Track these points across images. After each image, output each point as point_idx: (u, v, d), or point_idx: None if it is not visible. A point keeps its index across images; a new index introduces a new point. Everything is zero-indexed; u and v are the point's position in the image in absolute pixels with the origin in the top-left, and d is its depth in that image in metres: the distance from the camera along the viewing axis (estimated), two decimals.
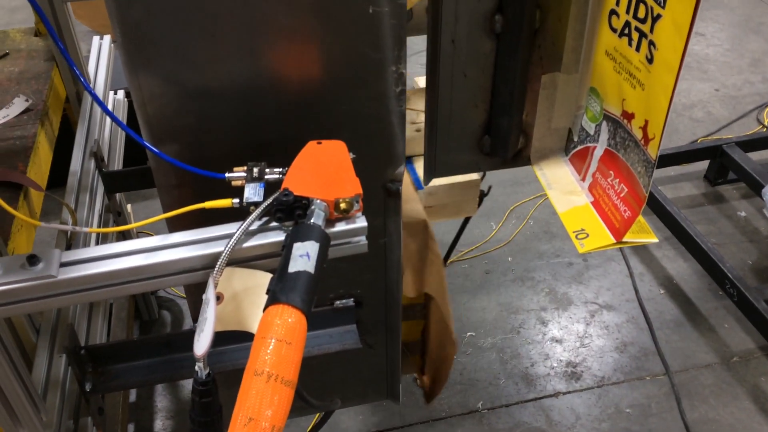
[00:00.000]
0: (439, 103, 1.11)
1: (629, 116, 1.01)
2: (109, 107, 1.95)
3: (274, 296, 0.77)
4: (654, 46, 0.92)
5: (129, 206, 2.23)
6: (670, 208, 2.56)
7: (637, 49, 0.96)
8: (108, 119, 1.88)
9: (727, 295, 2.30)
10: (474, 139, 1.17)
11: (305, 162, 0.96)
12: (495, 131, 1.16)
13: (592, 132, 1.13)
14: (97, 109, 1.81)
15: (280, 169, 0.96)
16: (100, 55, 2.02)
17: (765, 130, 3.19)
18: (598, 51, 1.06)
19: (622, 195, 1.05)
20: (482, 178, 1.57)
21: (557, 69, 1.12)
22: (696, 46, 3.87)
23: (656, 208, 2.64)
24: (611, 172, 1.08)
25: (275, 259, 0.90)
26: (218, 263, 0.86)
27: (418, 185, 1.49)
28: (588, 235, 1.08)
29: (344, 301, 1.32)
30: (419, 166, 1.54)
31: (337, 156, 0.98)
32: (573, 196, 1.15)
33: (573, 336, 2.40)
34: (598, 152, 1.12)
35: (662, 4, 0.89)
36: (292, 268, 0.79)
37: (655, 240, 1.06)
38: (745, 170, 2.70)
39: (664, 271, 2.62)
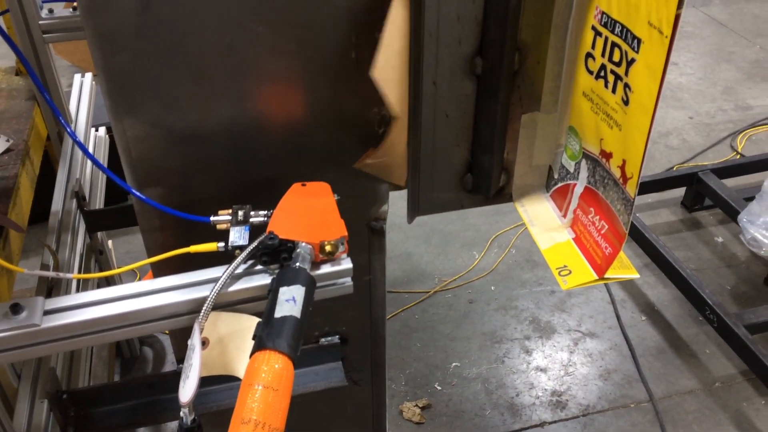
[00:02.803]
0: (422, 143, 1.13)
1: (607, 155, 1.04)
2: (91, 145, 1.94)
3: (260, 342, 0.77)
4: (629, 89, 0.95)
5: (110, 242, 2.22)
6: (648, 236, 2.60)
7: (613, 91, 0.99)
8: None
9: (707, 321, 2.32)
10: (456, 177, 1.19)
11: (290, 204, 0.97)
12: (477, 169, 1.18)
13: (572, 170, 1.15)
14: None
15: (266, 212, 0.97)
16: (81, 92, 2.02)
17: (738, 156, 3.26)
18: (576, 92, 1.09)
19: (602, 232, 1.07)
20: None
21: (537, 109, 1.15)
22: (670, 75, 3.96)
23: (636, 235, 2.68)
24: (591, 209, 1.10)
25: (261, 303, 0.90)
26: (204, 308, 0.86)
27: None
28: (570, 272, 1.09)
29: (329, 338, 1.32)
30: None
31: (322, 198, 0.99)
32: (554, 232, 1.17)
33: (557, 364, 2.41)
34: (578, 189, 1.14)
35: (636, 49, 0.92)
36: (278, 312, 0.80)
37: (637, 276, 1.08)
38: (720, 197, 2.75)
39: (645, 297, 2.64)
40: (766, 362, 2.08)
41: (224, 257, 0.93)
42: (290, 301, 0.81)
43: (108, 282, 1.86)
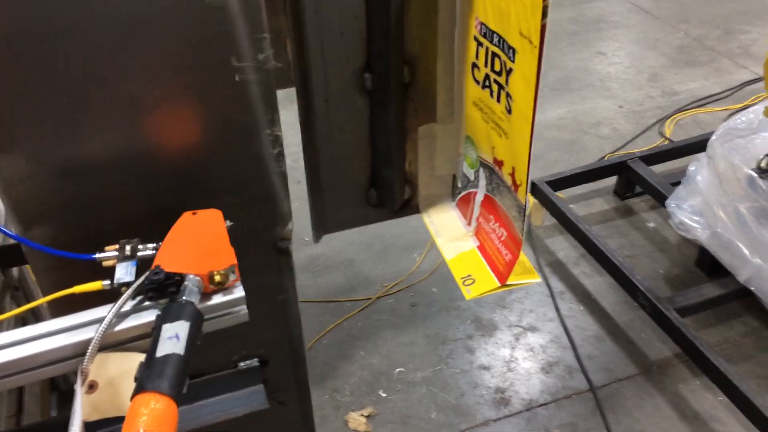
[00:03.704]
0: (319, 160, 1.12)
1: (500, 163, 1.04)
2: None
3: (140, 384, 0.75)
4: (511, 98, 0.95)
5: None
6: (581, 226, 2.64)
7: (498, 100, 0.99)
8: None
9: (641, 307, 2.37)
10: (360, 192, 1.19)
11: (179, 235, 0.95)
12: (380, 183, 1.17)
13: (472, 178, 1.16)
14: None
15: (154, 245, 0.94)
16: None
17: (666, 142, 3.35)
18: (468, 102, 1.10)
19: (502, 239, 1.08)
20: None
21: (433, 119, 1.15)
22: (598, 66, 4.04)
23: (569, 226, 2.72)
24: (491, 216, 1.11)
25: None
26: (89, 351, 0.83)
27: None
28: (474, 281, 1.10)
29: (248, 362, 1.30)
30: None
31: (212, 226, 0.97)
32: (460, 241, 1.17)
33: (500, 361, 2.43)
34: (479, 197, 1.15)
35: (512, 59, 0.92)
36: (160, 351, 0.78)
37: (538, 280, 1.09)
38: (649, 183, 2.81)
39: (582, 287, 2.69)
40: (698, 344, 2.13)
41: (118, 295, 0.91)
42: (173, 339, 0.79)
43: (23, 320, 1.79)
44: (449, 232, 1.20)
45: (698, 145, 2.96)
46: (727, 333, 2.46)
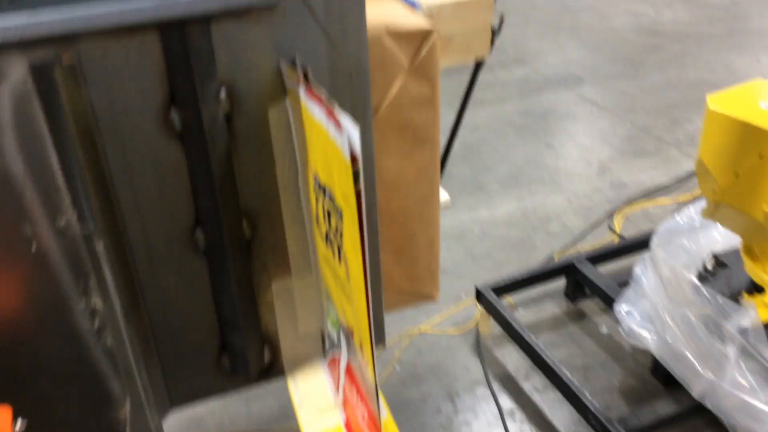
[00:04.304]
0: (154, 328, 0.96)
1: (351, 330, 0.89)
2: None
3: None
4: (346, 261, 0.81)
5: None
6: (527, 337, 2.48)
7: (340, 261, 0.85)
8: None
9: (592, 428, 2.18)
10: (210, 358, 1.02)
11: None
12: (230, 349, 1.01)
13: (335, 339, 1.00)
14: None
15: None
16: None
17: (616, 239, 3.24)
18: (320, 256, 0.96)
19: (365, 418, 0.91)
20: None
21: (288, 274, 1.00)
22: (548, 159, 4.00)
23: (515, 337, 2.56)
24: (354, 388, 0.95)
25: None
26: None
27: (413, 5, 1.12)
28: None
29: None
30: None
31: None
32: (326, 414, 1.00)
33: None
34: (343, 363, 0.99)
35: (341, 218, 0.79)
36: None
37: None
38: (596, 286, 2.68)
39: (534, 405, 2.49)
40: None
41: None
42: None
43: None
44: (315, 401, 1.03)
45: (646, 242, 2.84)
46: None
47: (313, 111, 0.76)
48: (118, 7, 0.69)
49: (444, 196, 1.64)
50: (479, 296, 2.74)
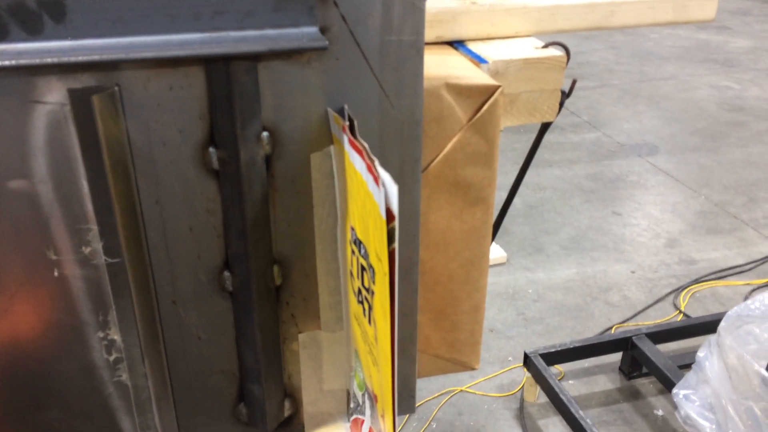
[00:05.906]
0: (171, 368, 0.92)
1: (375, 398, 0.83)
2: None
3: None
4: (375, 324, 0.76)
5: None
6: (575, 412, 2.33)
7: (369, 321, 0.80)
8: None
9: None
10: (227, 406, 0.97)
11: None
12: (249, 399, 0.96)
13: (360, 401, 0.94)
14: None
15: None
16: None
17: (680, 316, 3.06)
18: (351, 313, 0.90)
19: None
20: (567, 61, 1.11)
21: (317, 326, 0.95)
22: (613, 226, 3.85)
23: (562, 409, 2.41)
24: None
25: None
26: None
27: (479, 59, 1.10)
28: None
29: None
30: (475, 47, 1.15)
31: None
32: None
33: None
34: (366, 428, 0.92)
35: (373, 279, 0.73)
36: None
37: None
38: (654, 364, 2.52)
39: None
40: None
41: None
42: None
43: None
44: None
45: (713, 324, 2.66)
46: None
47: (354, 162, 0.72)
48: (164, 38, 0.67)
49: (499, 252, 1.55)
50: (527, 361, 2.62)
